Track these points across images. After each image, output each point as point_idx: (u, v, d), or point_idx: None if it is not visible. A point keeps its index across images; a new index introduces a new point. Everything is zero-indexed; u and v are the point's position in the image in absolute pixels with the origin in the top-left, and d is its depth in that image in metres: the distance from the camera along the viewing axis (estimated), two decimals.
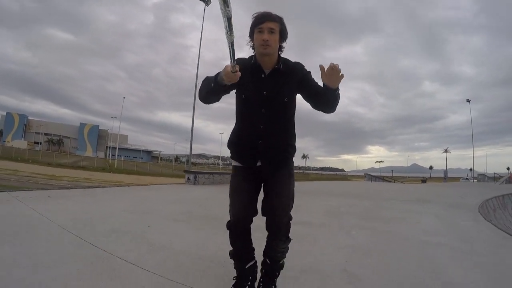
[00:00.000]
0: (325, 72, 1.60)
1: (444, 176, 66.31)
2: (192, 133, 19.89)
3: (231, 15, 1.23)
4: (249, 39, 1.88)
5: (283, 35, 1.85)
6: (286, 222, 1.91)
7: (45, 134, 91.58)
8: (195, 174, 12.19)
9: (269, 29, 1.76)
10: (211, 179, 12.68)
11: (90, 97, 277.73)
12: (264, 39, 1.75)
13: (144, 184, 11.74)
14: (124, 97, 75.28)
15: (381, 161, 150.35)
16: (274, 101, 1.86)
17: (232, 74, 1.59)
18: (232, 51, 1.48)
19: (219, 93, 1.76)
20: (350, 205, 7.39)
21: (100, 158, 76.96)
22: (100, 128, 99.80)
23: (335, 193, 11.18)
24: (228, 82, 1.65)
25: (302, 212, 5.47)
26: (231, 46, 1.44)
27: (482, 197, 9.47)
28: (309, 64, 1.91)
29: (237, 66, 1.59)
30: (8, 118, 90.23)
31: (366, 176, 37.48)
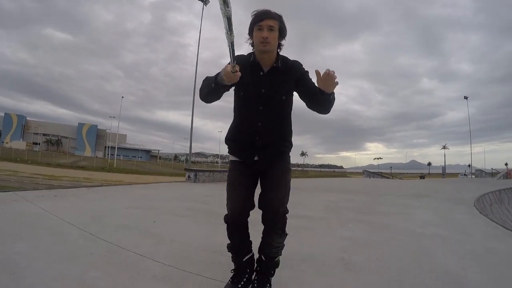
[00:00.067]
0: (321, 78, 1.62)
1: (443, 172, 66.67)
2: (191, 131, 20.02)
3: (231, 15, 1.23)
4: (249, 36, 1.90)
5: (282, 33, 1.87)
6: (282, 215, 1.89)
7: (44, 134, 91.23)
8: (196, 172, 12.32)
9: (268, 27, 1.78)
10: (211, 177, 12.81)
11: (88, 97, 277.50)
12: (263, 36, 1.77)
13: (146, 183, 11.86)
14: (123, 97, 75.55)
15: (380, 158, 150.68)
16: (272, 99, 1.89)
17: (232, 74, 1.59)
18: (232, 51, 1.49)
19: (220, 92, 1.78)
20: (348, 201, 7.54)
21: (99, 157, 76.90)
22: (99, 127, 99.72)
23: (333, 190, 11.31)
24: (228, 82, 1.66)
25: (301, 207, 5.63)
26: (231, 46, 1.45)
27: (479, 192, 9.62)
28: (307, 62, 1.96)
29: (237, 66, 1.59)
30: (7, 119, 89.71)
31: (364, 172, 37.57)
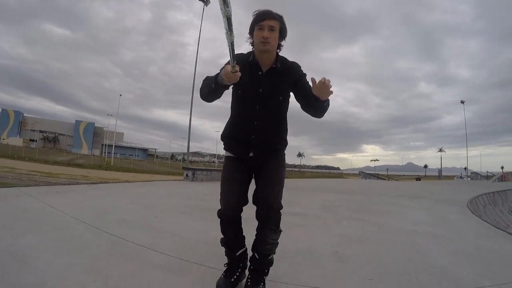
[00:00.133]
0: (316, 85, 1.64)
1: (439, 175, 67.04)
2: (189, 131, 20.13)
3: (231, 15, 1.24)
4: (249, 36, 1.91)
5: (283, 33, 1.89)
6: (277, 210, 1.88)
7: (41, 131, 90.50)
8: (194, 171, 12.45)
9: (269, 27, 1.80)
10: (209, 175, 12.93)
11: (86, 94, 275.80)
12: (264, 36, 1.79)
13: (145, 181, 11.96)
14: (121, 95, 75.42)
15: (376, 160, 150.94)
16: (269, 99, 1.92)
17: (232, 75, 1.60)
18: (232, 51, 1.49)
19: (220, 92, 1.80)
20: (344, 200, 7.69)
21: (96, 155, 76.68)
22: (96, 125, 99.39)
23: (330, 190, 11.45)
24: (228, 83, 1.67)
25: (297, 206, 5.77)
26: (231, 46, 1.45)
27: (473, 194, 9.80)
28: (305, 64, 2.01)
29: (237, 66, 1.59)
30: (3, 115, 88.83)
31: (360, 174, 37.81)
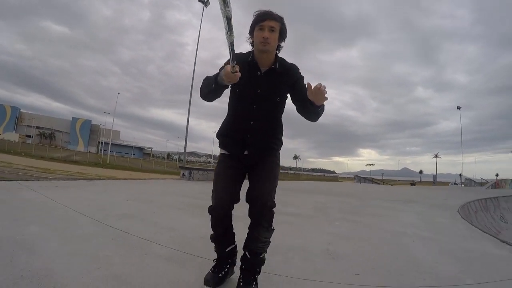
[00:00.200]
0: (311, 91, 1.64)
1: (433, 180, 67.60)
2: (187, 131, 20.23)
3: (231, 15, 1.24)
4: (249, 36, 1.93)
5: (283, 34, 1.90)
6: (270, 208, 1.86)
7: (37, 127, 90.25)
8: (190, 170, 12.60)
9: (269, 28, 1.82)
10: (205, 175, 13.06)
11: (83, 91, 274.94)
12: (264, 36, 1.81)
13: (142, 178, 12.08)
14: (119, 93, 75.27)
15: (372, 164, 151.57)
16: (266, 100, 1.93)
17: (232, 75, 1.61)
18: (232, 51, 1.49)
19: (220, 92, 1.81)
20: (337, 202, 7.86)
21: (92, 153, 76.47)
22: (93, 123, 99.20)
23: (324, 192, 11.61)
24: (228, 83, 1.69)
25: (291, 206, 5.93)
26: (231, 46, 1.45)
27: (465, 200, 9.99)
28: (303, 66, 2.06)
29: (237, 67, 1.60)
30: (0, 110, 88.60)
31: (355, 177, 38.04)
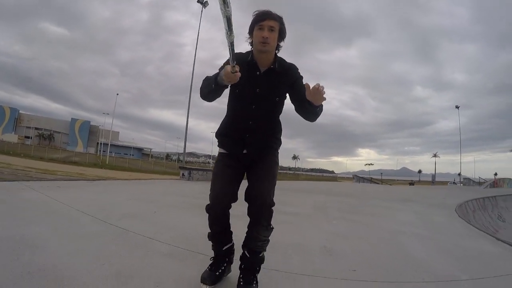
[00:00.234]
0: (310, 91, 1.65)
1: (432, 180, 67.75)
2: (186, 132, 20.31)
3: (231, 15, 1.24)
4: (249, 35, 1.93)
5: (282, 34, 1.91)
6: (269, 206, 1.86)
7: (36, 128, 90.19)
8: (190, 171, 12.65)
9: (269, 27, 1.83)
10: (205, 175, 13.11)
11: (82, 92, 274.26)
12: (264, 36, 1.81)
13: (142, 179, 12.14)
14: (118, 94, 75.16)
15: (371, 164, 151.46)
16: (265, 99, 1.94)
17: (232, 75, 1.61)
18: (232, 51, 1.49)
19: (220, 92, 1.82)
20: (335, 202, 7.94)
21: (91, 154, 76.48)
22: (92, 124, 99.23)
23: (323, 192, 11.68)
24: (228, 83, 1.70)
25: (290, 205, 6.00)
26: (231, 46, 1.45)
27: (463, 199, 10.08)
28: (302, 66, 2.01)
29: (237, 67, 1.60)
30: None
31: (354, 177, 38.19)
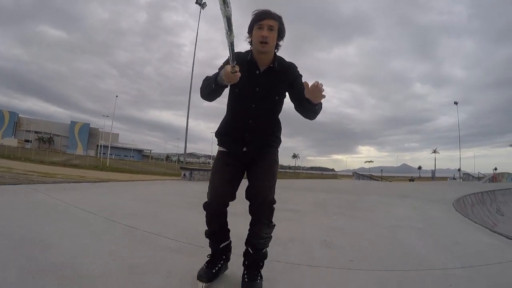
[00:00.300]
0: (309, 89, 1.64)
1: (432, 176, 67.89)
2: (186, 133, 20.43)
3: (231, 15, 1.24)
4: (248, 35, 1.94)
5: (281, 33, 1.92)
6: (270, 203, 1.87)
7: (36, 132, 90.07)
8: (191, 171, 12.82)
9: (268, 26, 1.84)
10: (206, 175, 13.24)
11: (81, 95, 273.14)
12: (263, 35, 1.82)
13: (144, 180, 12.28)
14: (117, 96, 75.25)
15: (371, 161, 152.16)
16: (265, 98, 1.95)
17: (232, 75, 1.62)
18: (232, 51, 1.49)
19: (220, 92, 1.83)
20: (335, 199, 8.10)
21: (91, 156, 76.57)
22: (91, 126, 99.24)
23: (323, 190, 11.83)
24: (228, 83, 1.70)
25: (291, 203, 6.13)
26: (231, 46, 1.46)
27: (462, 194, 10.23)
28: (301, 65, 2.03)
29: (236, 67, 1.60)
30: None
31: (354, 175, 38.38)
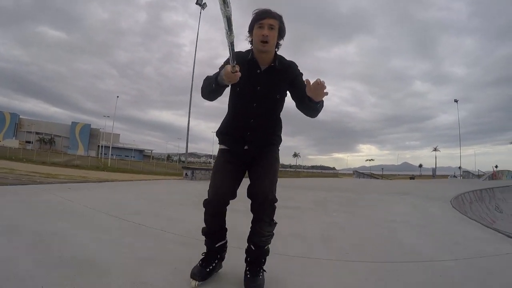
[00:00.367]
0: (310, 86, 1.62)
1: (433, 174, 68.04)
2: (188, 132, 20.57)
3: (231, 15, 1.24)
4: (248, 34, 1.95)
5: (282, 32, 1.92)
6: (271, 202, 1.86)
7: (37, 133, 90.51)
8: (193, 170, 13.00)
9: (269, 25, 1.84)
10: (207, 174, 13.40)
11: (81, 95, 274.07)
12: (264, 34, 1.82)
13: (147, 179, 12.44)
14: (118, 96, 75.26)
15: (372, 159, 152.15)
16: (266, 97, 1.95)
17: (232, 75, 1.62)
18: (232, 51, 1.49)
19: (221, 91, 1.83)
20: (335, 197, 8.24)
21: (92, 157, 76.75)
22: (92, 127, 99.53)
23: (324, 188, 12.00)
24: (228, 83, 1.70)
25: (292, 201, 6.29)
26: (231, 46, 1.46)
27: (461, 191, 10.35)
28: (301, 64, 2.04)
29: (237, 66, 1.60)
30: None
31: (354, 173, 38.53)
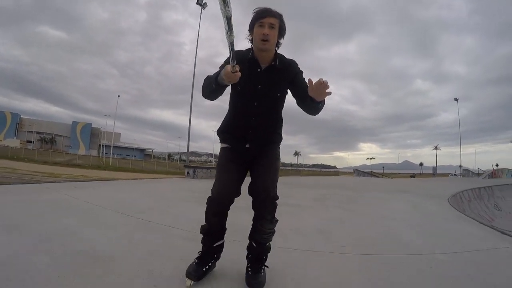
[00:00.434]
0: (313, 86, 1.61)
1: (433, 172, 68.20)
2: (189, 131, 20.72)
3: (231, 15, 1.23)
4: (249, 33, 1.95)
5: (282, 31, 1.93)
6: (273, 199, 1.87)
7: (38, 132, 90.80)
8: (194, 169, 13.15)
9: (269, 24, 1.85)
10: (209, 173, 13.58)
11: (82, 95, 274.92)
12: (264, 33, 1.83)
13: (150, 178, 12.59)
14: (119, 96, 75.51)
15: (372, 158, 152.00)
16: (267, 96, 1.95)
17: (232, 75, 1.62)
18: (232, 51, 1.49)
19: (222, 91, 1.84)
20: (335, 194, 8.39)
21: (94, 156, 76.91)
22: (93, 126, 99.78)
23: (324, 186, 12.10)
24: (228, 83, 1.71)
25: (292, 198, 6.42)
26: (231, 46, 1.46)
27: (460, 189, 10.46)
28: (302, 63, 2.04)
29: (237, 66, 1.60)
30: (0, 116, 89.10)
31: (355, 171, 38.64)
